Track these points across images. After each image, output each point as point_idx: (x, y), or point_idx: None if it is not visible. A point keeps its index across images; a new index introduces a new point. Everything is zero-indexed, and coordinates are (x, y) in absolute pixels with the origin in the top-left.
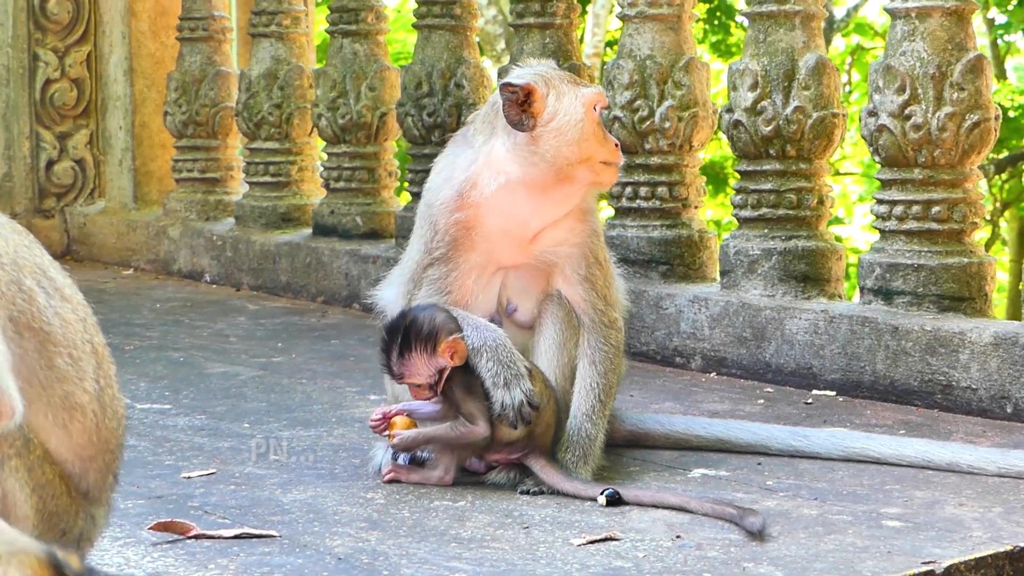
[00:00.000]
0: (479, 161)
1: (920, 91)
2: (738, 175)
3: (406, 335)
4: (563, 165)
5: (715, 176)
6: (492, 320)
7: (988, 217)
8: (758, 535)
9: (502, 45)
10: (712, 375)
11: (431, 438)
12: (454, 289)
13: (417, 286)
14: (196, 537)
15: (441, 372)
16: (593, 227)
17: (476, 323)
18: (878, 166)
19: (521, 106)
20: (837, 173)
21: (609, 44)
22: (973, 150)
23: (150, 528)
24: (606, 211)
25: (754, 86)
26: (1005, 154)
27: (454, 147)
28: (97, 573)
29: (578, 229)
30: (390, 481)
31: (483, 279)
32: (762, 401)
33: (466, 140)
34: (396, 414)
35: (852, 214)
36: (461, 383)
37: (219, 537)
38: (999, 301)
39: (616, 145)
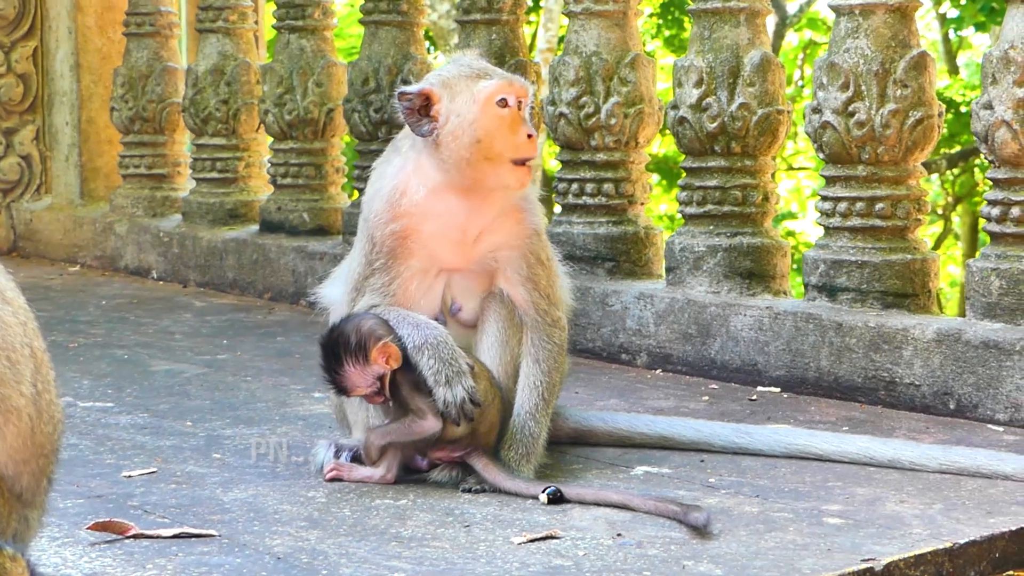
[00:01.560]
0: (406, 168)
1: (864, 88)
2: (684, 172)
3: (335, 350)
4: (466, 168)
5: (668, 171)
6: (436, 320)
7: (940, 212)
8: (703, 530)
9: (456, 40)
10: (658, 372)
11: (383, 435)
12: (397, 294)
13: (360, 293)
14: (135, 537)
15: (381, 378)
16: (533, 227)
17: (416, 321)
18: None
19: (420, 111)
20: (791, 168)
21: (561, 40)
22: (916, 147)
23: (88, 528)
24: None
25: (699, 83)
26: (957, 149)
27: (387, 154)
28: (35, 572)
29: (516, 231)
30: (332, 480)
31: (426, 282)
32: (707, 398)
33: (396, 147)
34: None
35: (805, 209)
36: (407, 381)
37: (158, 537)
38: (951, 296)
39: (530, 136)
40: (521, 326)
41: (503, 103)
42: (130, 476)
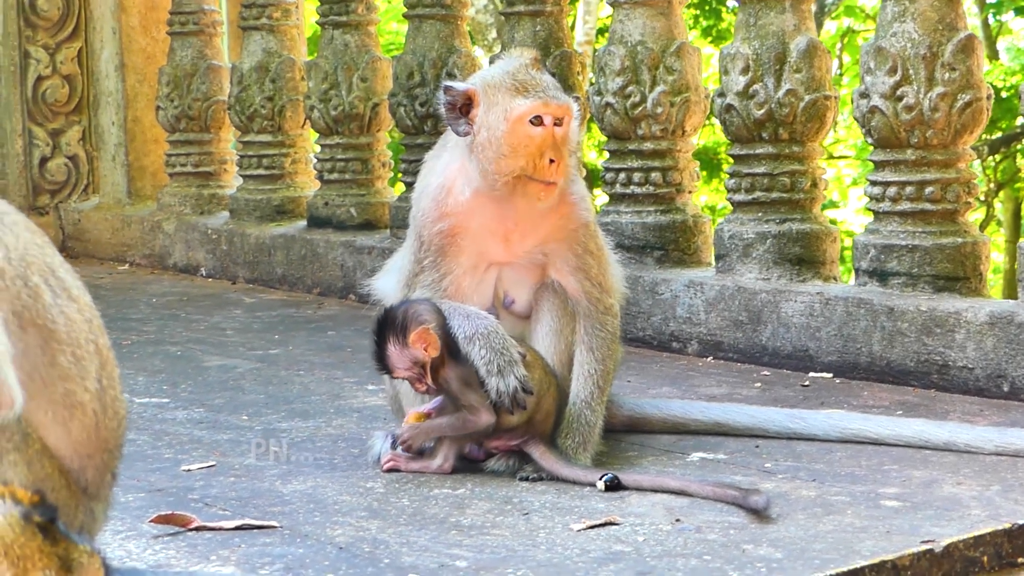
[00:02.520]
0: (452, 166)
1: (911, 72)
2: (731, 159)
3: (381, 328)
4: (493, 177)
5: (709, 162)
6: (489, 312)
7: (982, 198)
8: (762, 513)
9: (493, 35)
10: (709, 359)
11: (436, 429)
12: (449, 290)
13: (411, 290)
14: (197, 529)
15: (422, 364)
16: (581, 219)
17: (467, 312)
18: (871, 148)
19: (461, 110)
20: (831, 157)
21: (600, 31)
22: (965, 130)
23: (151, 521)
24: (601, 198)
25: (745, 70)
26: (998, 135)
27: (437, 149)
28: (109, 568)
29: (563, 224)
30: (389, 470)
31: (476, 277)
32: (759, 384)
33: (444, 141)
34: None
35: (847, 197)
36: (457, 376)
37: (220, 529)
38: (995, 282)
39: (552, 163)
40: (574, 316)
41: (537, 121)
42: (189, 470)
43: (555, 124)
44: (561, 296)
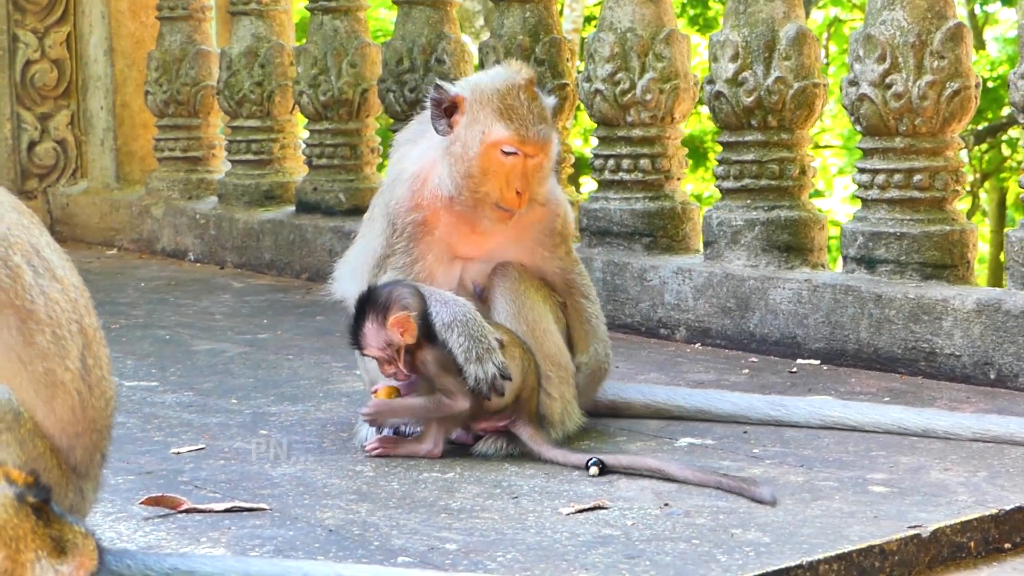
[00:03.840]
0: (428, 157)
1: (900, 60)
2: (720, 147)
3: (362, 305)
4: (458, 190)
5: (695, 150)
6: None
7: (968, 188)
8: (771, 503)
9: (481, 22)
10: (697, 346)
11: (407, 409)
12: (421, 275)
13: (382, 270)
14: (187, 511)
15: (396, 348)
16: (556, 210)
17: (444, 298)
18: (858, 138)
19: (446, 111)
20: (817, 146)
21: (587, 20)
22: (954, 118)
23: (141, 503)
24: (589, 185)
25: (735, 57)
26: (984, 124)
27: (414, 131)
28: (102, 550)
29: (539, 216)
30: (379, 455)
31: (446, 265)
32: (747, 371)
33: (421, 130)
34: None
35: (832, 187)
36: (435, 358)
37: (210, 511)
38: (979, 272)
39: (518, 194)
40: (532, 292)
41: (511, 151)
42: (179, 452)
43: (528, 156)
44: (512, 279)
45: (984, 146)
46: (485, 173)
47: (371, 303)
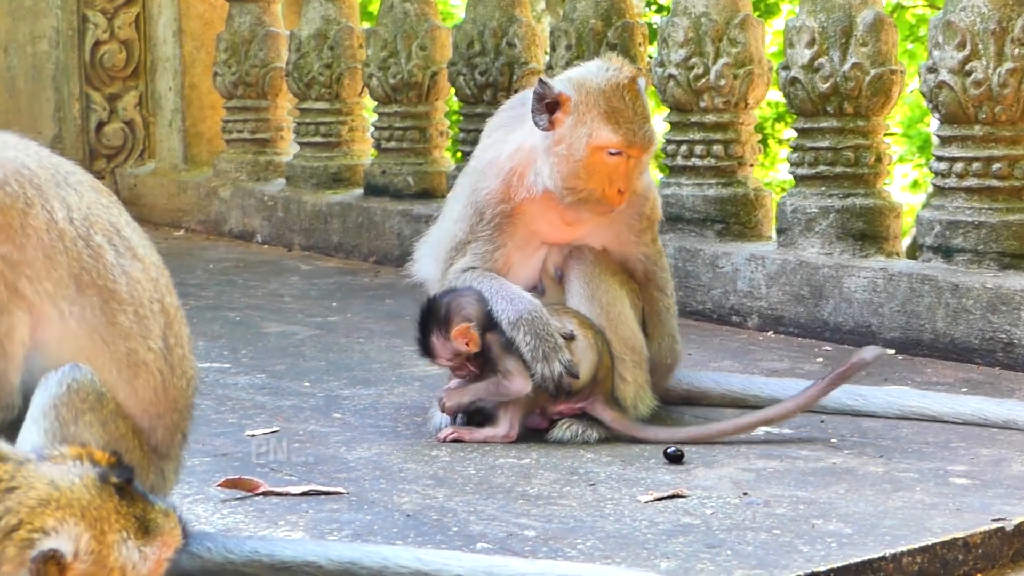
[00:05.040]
0: (526, 147)
1: (980, 47)
2: (793, 133)
3: (425, 319)
4: (560, 189)
5: (760, 137)
6: (535, 287)
7: None
8: (876, 356)
9: (542, 5)
10: (769, 333)
11: (471, 393)
12: (499, 260)
13: (461, 253)
14: (264, 494)
15: (463, 356)
16: (645, 194)
17: (510, 295)
18: (919, 126)
19: (548, 106)
20: None
21: (648, 4)
22: None
23: (218, 485)
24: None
25: (811, 43)
26: None
27: (508, 117)
28: (187, 529)
29: (624, 211)
30: (453, 440)
31: (527, 253)
32: (821, 359)
33: (518, 117)
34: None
35: (892, 174)
36: (497, 341)
37: (287, 494)
38: None
39: (620, 192)
40: (607, 276)
41: (616, 154)
42: (253, 435)
43: (632, 157)
44: (588, 262)
45: None
46: (590, 173)
47: (433, 317)
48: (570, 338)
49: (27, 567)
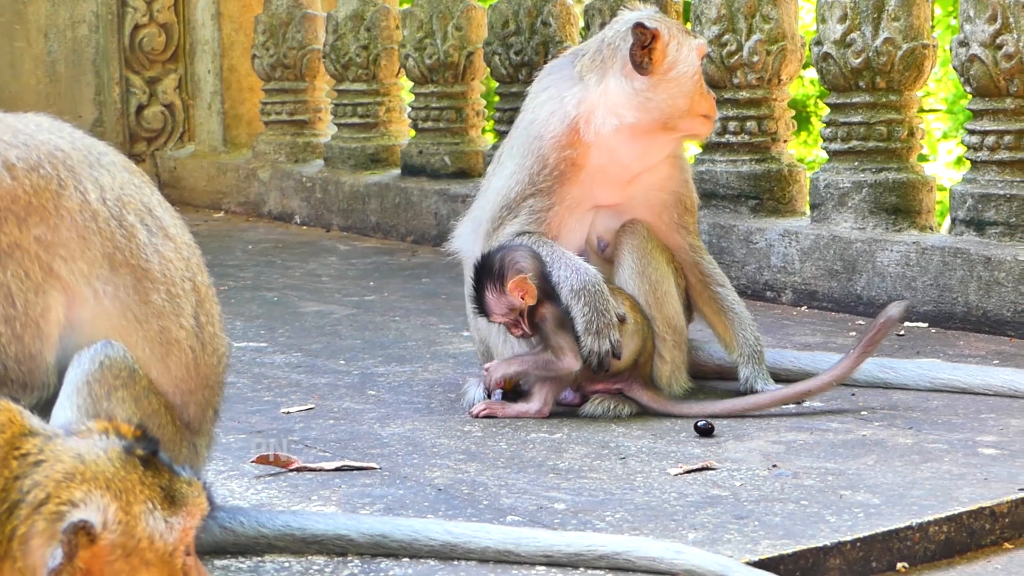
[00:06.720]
0: (590, 99)
1: (1012, 20)
2: (827, 108)
3: (479, 274)
4: (673, 114)
5: (799, 114)
6: (581, 255)
7: None
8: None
9: None
10: (803, 308)
11: (518, 364)
12: (552, 221)
13: (512, 213)
14: (298, 470)
15: (518, 311)
16: (685, 175)
17: (574, 264)
18: (962, 102)
19: (644, 49)
20: (921, 110)
21: None
22: None
23: (252, 461)
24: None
25: (843, 18)
26: None
27: (557, 80)
28: (212, 498)
29: (672, 175)
30: (486, 416)
31: (576, 215)
32: (854, 333)
33: (571, 76)
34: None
35: (936, 151)
36: (553, 315)
37: (320, 470)
38: None
39: (714, 98)
40: (657, 253)
41: (703, 62)
42: (289, 412)
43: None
44: (643, 237)
45: None
46: (698, 86)
47: (486, 271)
48: (622, 320)
49: (57, 539)
